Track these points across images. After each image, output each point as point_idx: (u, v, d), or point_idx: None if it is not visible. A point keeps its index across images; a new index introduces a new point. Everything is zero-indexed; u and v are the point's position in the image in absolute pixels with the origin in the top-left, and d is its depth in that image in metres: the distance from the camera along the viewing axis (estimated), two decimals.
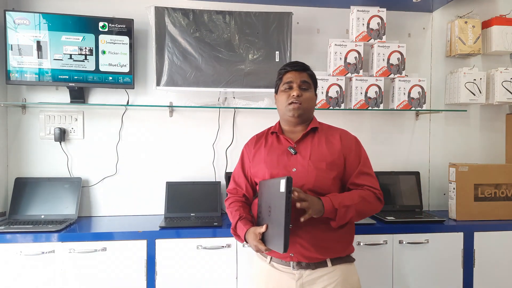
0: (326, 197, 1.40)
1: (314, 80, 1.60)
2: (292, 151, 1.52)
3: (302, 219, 1.32)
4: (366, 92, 2.34)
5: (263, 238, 1.39)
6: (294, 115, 1.52)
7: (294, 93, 1.50)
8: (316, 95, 1.63)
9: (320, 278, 1.45)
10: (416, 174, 2.52)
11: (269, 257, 1.52)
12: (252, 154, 1.62)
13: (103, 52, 2.22)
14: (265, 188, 1.46)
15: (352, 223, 1.55)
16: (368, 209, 1.48)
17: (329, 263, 1.46)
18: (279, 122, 1.65)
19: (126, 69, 2.25)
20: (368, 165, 1.55)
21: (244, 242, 1.51)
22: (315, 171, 1.46)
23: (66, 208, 2.21)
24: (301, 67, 1.56)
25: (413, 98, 2.38)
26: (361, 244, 2.07)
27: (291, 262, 1.46)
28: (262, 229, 1.38)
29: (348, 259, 1.53)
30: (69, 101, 2.27)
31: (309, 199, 1.34)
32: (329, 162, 1.48)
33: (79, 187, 2.26)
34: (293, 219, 1.35)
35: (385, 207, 2.42)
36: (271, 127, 1.66)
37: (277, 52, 2.28)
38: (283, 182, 1.27)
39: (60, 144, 2.32)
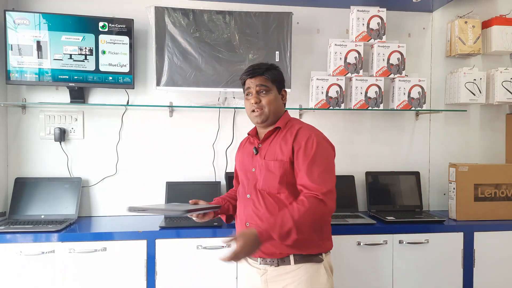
0: (262, 230, 1.30)
1: (276, 79, 1.54)
2: (254, 151, 1.55)
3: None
4: (366, 92, 2.34)
5: None
6: (257, 122, 1.54)
7: (252, 100, 1.51)
8: (283, 92, 1.57)
9: (283, 276, 1.44)
10: (416, 174, 2.52)
11: None
12: (237, 155, 1.70)
13: (103, 52, 2.22)
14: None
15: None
16: (312, 220, 1.35)
17: (292, 261, 1.43)
18: None
19: (126, 69, 2.25)
20: (319, 161, 1.40)
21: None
22: (264, 171, 1.49)
23: (66, 208, 2.21)
24: (255, 72, 1.52)
25: (413, 98, 2.38)
26: (361, 244, 2.07)
27: (258, 258, 1.48)
28: None
29: (315, 259, 1.45)
30: (69, 101, 2.27)
31: (238, 243, 1.26)
32: (279, 160, 1.46)
33: (79, 187, 2.26)
34: (248, 216, 1.49)
35: (385, 207, 2.43)
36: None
37: (277, 52, 2.28)
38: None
39: (60, 144, 2.32)
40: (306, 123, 1.57)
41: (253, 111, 1.52)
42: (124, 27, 2.24)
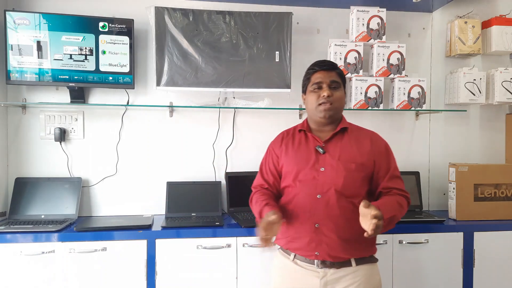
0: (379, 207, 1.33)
1: (343, 79, 1.57)
2: (320, 150, 1.50)
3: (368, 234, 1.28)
4: (366, 92, 2.34)
5: None
6: (325, 116, 1.51)
7: (325, 93, 1.48)
8: (345, 93, 1.61)
9: (344, 278, 1.46)
10: (416, 174, 2.52)
11: (293, 254, 1.52)
12: (280, 151, 1.59)
13: (103, 52, 2.22)
14: None
15: None
16: (402, 214, 1.47)
17: (353, 263, 1.47)
18: (306, 120, 1.63)
19: (126, 69, 2.25)
20: (397, 168, 1.57)
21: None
22: (344, 172, 1.46)
23: (66, 208, 2.21)
24: (330, 66, 1.54)
25: (413, 98, 2.38)
26: None
27: (316, 261, 1.47)
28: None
29: (371, 259, 1.54)
30: (69, 101, 2.27)
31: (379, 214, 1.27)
32: (359, 163, 1.48)
33: (79, 187, 2.26)
34: (319, 217, 1.45)
35: None
36: (298, 125, 1.63)
37: (277, 52, 2.28)
38: None
39: (60, 144, 2.32)
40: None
41: (322, 104, 1.49)
42: (124, 27, 2.24)
